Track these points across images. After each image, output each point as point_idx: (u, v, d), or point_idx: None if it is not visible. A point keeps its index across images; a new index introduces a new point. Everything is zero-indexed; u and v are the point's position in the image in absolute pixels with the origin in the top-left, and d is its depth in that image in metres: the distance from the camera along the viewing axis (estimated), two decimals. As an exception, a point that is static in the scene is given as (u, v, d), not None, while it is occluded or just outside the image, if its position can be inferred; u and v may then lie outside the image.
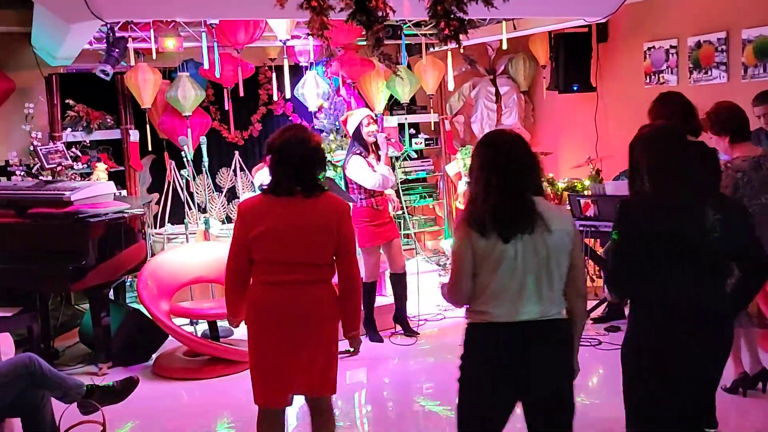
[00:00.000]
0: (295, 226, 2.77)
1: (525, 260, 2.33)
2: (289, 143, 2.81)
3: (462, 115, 7.66)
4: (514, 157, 2.40)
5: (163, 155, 6.69)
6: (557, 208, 2.48)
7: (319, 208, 2.82)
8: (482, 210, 2.35)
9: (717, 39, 5.59)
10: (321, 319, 2.83)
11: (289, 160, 2.79)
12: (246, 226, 2.79)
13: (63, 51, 5.44)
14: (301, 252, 2.78)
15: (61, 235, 4.61)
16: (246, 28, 5.42)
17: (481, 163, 2.42)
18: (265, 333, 2.83)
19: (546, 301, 2.36)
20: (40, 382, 3.10)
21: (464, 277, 2.38)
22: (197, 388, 4.53)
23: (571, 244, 2.39)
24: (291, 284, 2.78)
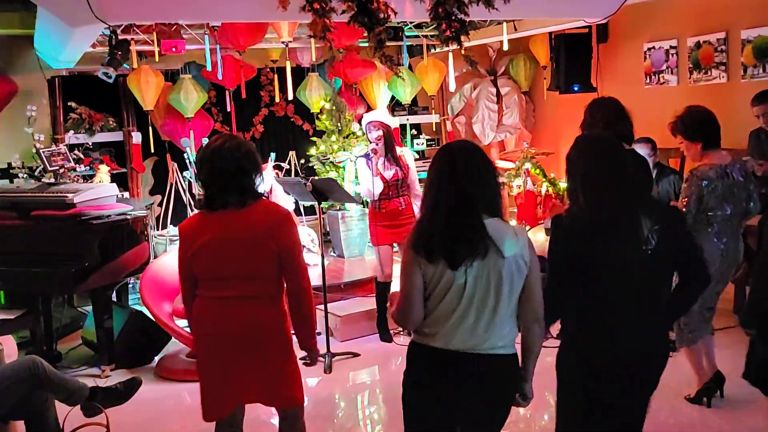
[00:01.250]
0: (228, 239, 2.61)
1: (475, 288, 2.17)
2: (214, 154, 2.65)
3: (463, 116, 7.67)
4: (467, 172, 2.20)
5: (166, 157, 6.71)
6: (511, 230, 2.25)
7: (253, 218, 2.64)
8: (429, 232, 2.19)
9: (716, 39, 5.60)
10: (262, 335, 2.67)
11: (215, 172, 2.62)
12: (185, 244, 2.68)
13: (66, 54, 5.46)
14: (235, 266, 2.62)
15: (63, 238, 4.62)
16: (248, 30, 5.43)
17: (431, 177, 2.26)
18: (205, 348, 2.72)
19: (492, 333, 2.21)
20: (43, 384, 3.11)
21: (414, 304, 2.23)
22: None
23: (527, 267, 2.22)
24: (228, 299, 2.64)
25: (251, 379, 2.68)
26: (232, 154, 2.62)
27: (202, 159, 2.68)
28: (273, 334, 2.68)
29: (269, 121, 7.27)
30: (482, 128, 7.41)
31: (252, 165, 2.67)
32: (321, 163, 6.80)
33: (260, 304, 2.66)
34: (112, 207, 4.90)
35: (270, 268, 2.64)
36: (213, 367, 2.69)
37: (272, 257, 2.62)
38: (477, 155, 2.26)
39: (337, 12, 3.82)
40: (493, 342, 2.21)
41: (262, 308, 2.67)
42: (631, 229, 2.35)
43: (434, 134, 7.75)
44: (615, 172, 2.39)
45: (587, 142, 2.54)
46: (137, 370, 4.71)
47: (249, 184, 2.65)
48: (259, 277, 2.64)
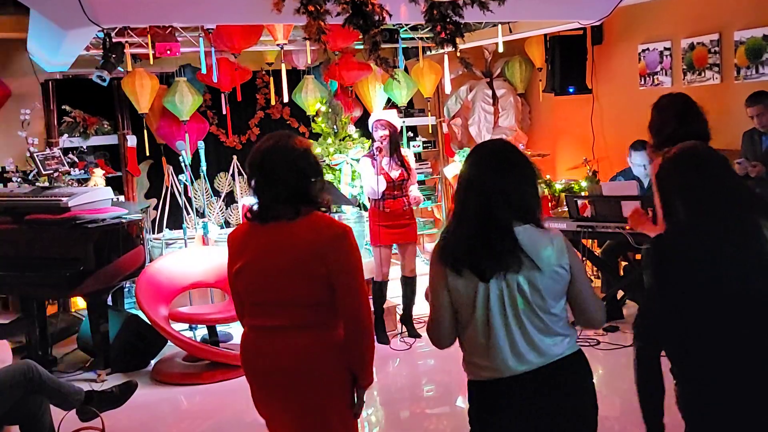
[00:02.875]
0: (270, 258, 2.22)
1: (515, 303, 1.99)
2: (265, 157, 2.25)
3: (459, 118, 7.68)
4: (495, 176, 2.01)
5: (161, 160, 6.69)
6: (546, 237, 2.03)
7: (301, 234, 2.21)
8: (453, 243, 2.02)
9: (710, 41, 5.62)
10: (308, 375, 2.22)
11: (266, 177, 2.23)
12: (230, 259, 2.32)
13: (59, 57, 5.43)
14: (280, 290, 2.22)
15: (58, 242, 4.60)
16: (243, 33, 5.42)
17: (458, 183, 2.09)
18: (252, 384, 2.34)
19: (545, 346, 2.02)
20: (38, 389, 3.09)
21: (442, 321, 2.07)
22: (197, 393, 4.52)
23: (569, 275, 2.03)
24: (272, 330, 2.25)
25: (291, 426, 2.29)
26: (285, 156, 2.23)
27: (251, 163, 2.27)
28: (321, 374, 2.24)
29: (265, 123, 7.25)
30: (478, 130, 7.42)
31: (310, 167, 2.26)
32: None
33: (309, 336, 2.23)
34: (107, 211, 4.88)
35: (320, 294, 2.22)
36: (258, 403, 2.36)
37: (320, 282, 2.20)
38: (507, 156, 2.06)
39: (331, 14, 3.82)
40: (550, 353, 2.02)
41: (311, 340, 2.23)
42: (748, 232, 1.99)
43: (430, 136, 7.75)
44: (716, 175, 2.06)
45: (674, 156, 2.16)
46: (133, 374, 4.70)
47: (306, 190, 2.24)
48: (309, 304, 2.23)
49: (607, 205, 4.94)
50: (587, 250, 5.50)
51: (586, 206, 5.24)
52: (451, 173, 7.14)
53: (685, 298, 2.01)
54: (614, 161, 6.12)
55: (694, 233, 2.04)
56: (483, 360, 2.04)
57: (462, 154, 7.03)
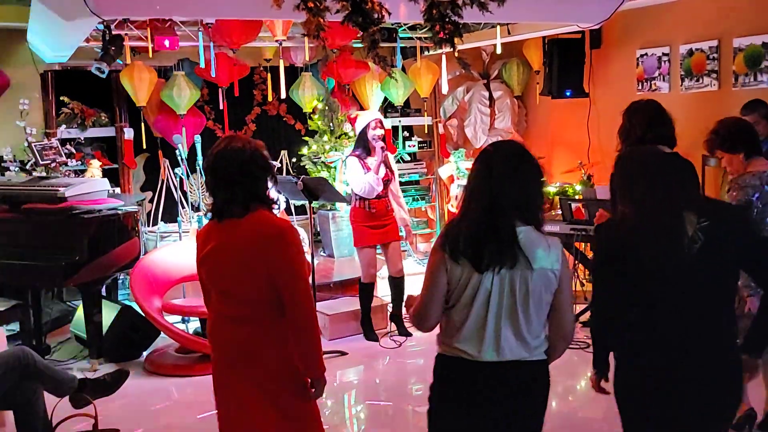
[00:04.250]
0: (224, 253, 2.37)
1: (502, 296, 2.10)
2: (217, 159, 2.39)
3: (455, 119, 7.71)
4: (504, 175, 2.11)
5: (157, 154, 6.71)
6: (544, 241, 2.15)
7: (246, 232, 2.35)
8: (456, 232, 2.14)
9: (709, 47, 5.65)
10: (248, 365, 2.37)
11: (220, 178, 2.38)
12: (197, 252, 2.50)
13: (59, 48, 5.45)
14: (230, 283, 2.38)
15: (54, 231, 4.62)
16: (242, 28, 5.44)
17: (469, 178, 2.21)
18: (213, 369, 2.51)
19: (522, 344, 2.14)
20: (32, 374, 3.11)
21: (434, 304, 2.17)
22: (189, 384, 4.54)
23: (557, 283, 2.14)
24: (227, 318, 2.42)
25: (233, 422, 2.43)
26: (236, 157, 2.35)
27: (206, 166, 2.44)
28: (261, 366, 2.38)
29: (262, 119, 7.28)
30: (474, 132, 7.44)
31: (260, 168, 2.39)
32: (312, 162, 6.82)
33: (252, 329, 2.37)
34: (103, 201, 4.90)
35: (259, 291, 2.35)
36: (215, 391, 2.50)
37: (261, 279, 2.33)
38: (519, 158, 2.16)
39: (331, 11, 3.84)
40: (522, 352, 2.14)
41: (254, 334, 2.37)
42: (671, 224, 2.17)
43: (426, 136, 7.78)
44: (655, 175, 2.25)
45: (625, 159, 2.44)
46: (126, 364, 4.72)
47: (257, 189, 2.39)
48: (254, 299, 2.36)
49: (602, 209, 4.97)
50: (580, 254, 5.54)
51: (580, 209, 5.28)
52: (445, 174, 7.17)
53: (619, 275, 2.21)
54: (609, 166, 6.08)
55: (629, 220, 2.24)
56: (454, 340, 2.18)
57: (457, 155, 7.07)
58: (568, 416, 2.68)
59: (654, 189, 2.22)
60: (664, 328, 2.20)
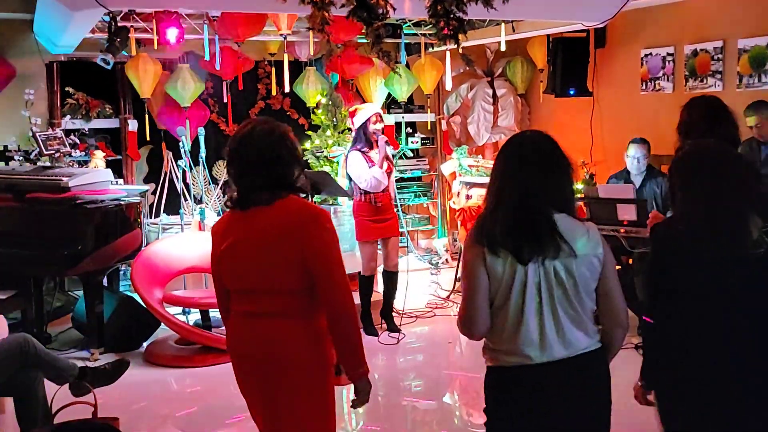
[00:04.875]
0: (252, 243, 2.19)
1: (551, 289, 1.99)
2: (242, 142, 2.22)
3: (459, 116, 7.71)
4: (535, 165, 2.05)
5: (161, 146, 6.72)
6: (583, 227, 2.06)
7: (278, 218, 2.18)
8: (490, 226, 2.02)
9: (713, 48, 5.65)
10: (288, 364, 2.19)
11: (245, 163, 2.21)
12: (213, 248, 2.30)
13: (65, 39, 5.46)
14: (259, 276, 2.19)
15: (57, 221, 4.64)
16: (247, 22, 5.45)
17: (497, 169, 2.11)
18: (234, 368, 2.34)
19: (574, 336, 2.03)
20: (33, 362, 3.13)
21: (479, 303, 2.02)
22: (188, 375, 4.57)
23: (602, 267, 2.05)
24: (257, 316, 2.22)
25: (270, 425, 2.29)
26: (263, 140, 2.20)
27: (230, 149, 2.25)
28: (300, 364, 2.21)
29: (265, 113, 7.28)
30: (477, 129, 7.45)
31: (288, 151, 2.23)
32: (315, 157, 6.83)
33: (288, 324, 2.20)
34: (106, 192, 4.92)
35: (298, 280, 2.17)
36: (244, 393, 2.34)
37: (296, 267, 2.16)
38: (548, 148, 2.10)
39: (336, 5, 3.85)
40: (581, 345, 2.04)
41: (290, 329, 2.20)
42: (735, 224, 2.05)
43: (429, 133, 7.78)
44: (719, 171, 2.14)
45: (687, 154, 2.31)
46: (126, 354, 4.74)
47: (285, 174, 2.22)
48: (287, 290, 2.19)
49: (603, 208, 4.98)
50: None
51: (581, 208, 5.29)
52: (448, 170, 7.17)
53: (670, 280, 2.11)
54: (612, 165, 6.15)
55: (685, 221, 2.13)
56: (509, 346, 2.03)
57: (460, 152, 7.06)
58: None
59: (718, 185, 2.10)
60: (716, 336, 2.08)
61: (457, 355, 5.08)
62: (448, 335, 5.32)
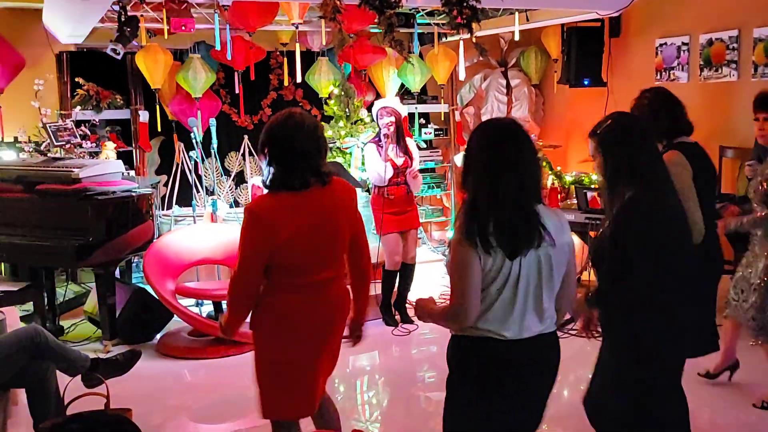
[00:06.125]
0: (321, 220, 2.48)
1: (529, 277, 2.09)
2: (297, 132, 2.46)
3: (472, 107, 7.65)
4: (526, 156, 2.07)
5: (172, 137, 6.71)
6: (557, 216, 2.19)
7: (336, 195, 2.54)
8: (484, 223, 2.05)
9: (728, 37, 5.56)
10: (343, 315, 2.64)
11: (299, 151, 2.44)
12: (270, 233, 2.41)
13: (74, 28, 5.44)
14: (328, 248, 2.52)
15: (68, 212, 4.63)
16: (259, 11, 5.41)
17: (486, 161, 2.08)
18: (297, 340, 2.52)
19: (546, 316, 2.17)
20: (45, 353, 3.12)
21: (472, 300, 2.08)
22: (201, 367, 4.56)
23: (571, 253, 2.20)
24: (319, 284, 2.52)
25: (325, 368, 2.66)
26: (315, 130, 2.52)
27: (279, 136, 2.46)
28: (347, 312, 2.68)
29: (277, 104, 7.25)
30: (490, 119, 7.39)
31: (325, 140, 2.60)
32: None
33: (341, 283, 2.63)
34: (117, 183, 4.91)
35: (345, 250, 2.61)
36: (306, 359, 2.54)
37: (347, 238, 2.58)
38: (527, 136, 2.14)
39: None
40: (540, 326, 2.17)
41: (343, 287, 2.64)
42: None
43: (443, 124, 7.72)
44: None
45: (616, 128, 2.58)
46: (139, 346, 4.71)
47: (325, 159, 2.57)
48: (339, 257, 2.59)
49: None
50: (594, 242, 5.48)
51: (595, 199, 5.23)
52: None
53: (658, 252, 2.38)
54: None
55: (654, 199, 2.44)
56: (489, 324, 2.13)
57: (473, 143, 7.01)
58: (578, 405, 2.67)
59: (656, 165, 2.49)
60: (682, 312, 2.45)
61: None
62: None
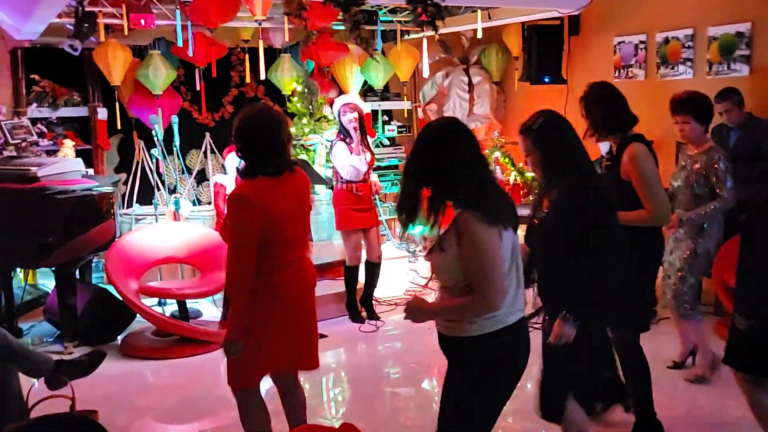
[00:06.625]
0: (296, 201, 2.79)
1: (517, 257, 2.28)
2: (273, 123, 2.76)
3: (435, 104, 7.70)
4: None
5: (132, 135, 6.59)
6: None
7: (300, 181, 2.86)
8: (493, 202, 2.22)
9: (684, 35, 5.72)
10: (314, 285, 2.95)
11: (276, 139, 2.74)
12: (260, 213, 2.63)
13: (30, 24, 5.30)
14: (301, 227, 2.86)
15: (27, 211, 4.51)
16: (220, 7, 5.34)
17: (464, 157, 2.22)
18: (285, 313, 2.77)
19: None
20: (8, 356, 3.05)
21: (502, 279, 2.17)
22: (166, 367, 4.51)
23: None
24: (299, 261, 2.82)
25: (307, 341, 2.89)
26: (284, 126, 2.80)
27: (261, 126, 2.73)
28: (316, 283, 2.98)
29: (239, 101, 7.18)
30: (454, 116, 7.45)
31: (291, 138, 2.95)
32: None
33: (309, 260, 2.96)
34: (77, 182, 4.81)
35: (309, 227, 3.00)
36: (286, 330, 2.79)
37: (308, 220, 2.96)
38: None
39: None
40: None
41: (311, 262, 2.95)
42: None
43: (405, 121, 7.76)
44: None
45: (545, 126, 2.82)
46: (101, 347, 4.65)
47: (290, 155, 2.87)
48: (306, 235, 2.94)
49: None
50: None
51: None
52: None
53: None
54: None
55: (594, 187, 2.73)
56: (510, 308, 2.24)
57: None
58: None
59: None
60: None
61: (435, 341, 5.05)
62: (427, 322, 5.33)
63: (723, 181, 3.78)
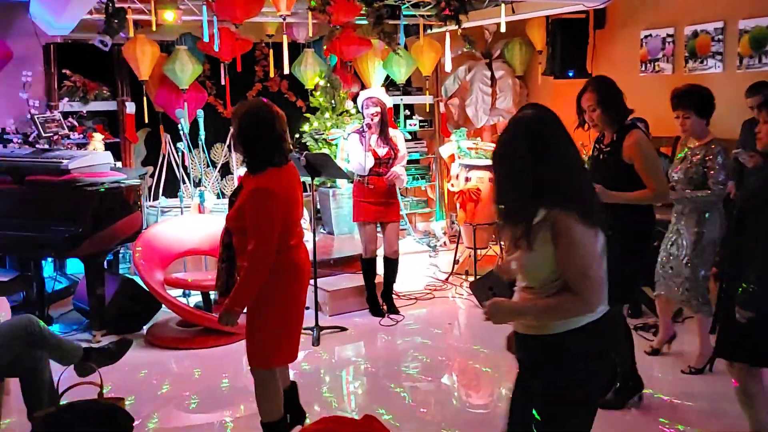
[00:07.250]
0: (296, 190, 3.05)
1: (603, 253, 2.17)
2: (275, 118, 2.95)
3: (457, 98, 7.69)
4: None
5: (159, 128, 6.70)
6: None
7: (293, 169, 3.10)
8: (587, 199, 2.10)
9: (714, 29, 5.64)
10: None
11: (279, 130, 2.96)
12: (283, 202, 2.91)
13: (62, 20, 5.42)
14: (301, 209, 3.15)
15: (57, 203, 4.63)
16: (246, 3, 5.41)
17: (564, 141, 2.13)
18: (299, 292, 3.07)
19: None
20: (38, 343, 3.14)
21: (603, 277, 2.08)
22: (189, 357, 4.59)
23: None
24: (302, 242, 3.13)
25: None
26: (283, 119, 2.98)
27: (265, 119, 2.92)
28: None
29: (263, 96, 7.25)
30: (475, 111, 7.44)
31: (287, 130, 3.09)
32: (314, 139, 6.82)
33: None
34: (106, 175, 4.91)
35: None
36: (300, 309, 3.10)
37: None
38: None
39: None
40: None
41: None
42: None
43: (427, 115, 7.77)
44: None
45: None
46: (127, 336, 4.74)
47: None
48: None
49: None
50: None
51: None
52: (446, 153, 7.17)
53: None
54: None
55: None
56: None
57: (458, 134, 7.06)
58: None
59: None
60: None
61: (455, 336, 5.12)
62: (447, 317, 5.35)
63: (716, 174, 3.83)
